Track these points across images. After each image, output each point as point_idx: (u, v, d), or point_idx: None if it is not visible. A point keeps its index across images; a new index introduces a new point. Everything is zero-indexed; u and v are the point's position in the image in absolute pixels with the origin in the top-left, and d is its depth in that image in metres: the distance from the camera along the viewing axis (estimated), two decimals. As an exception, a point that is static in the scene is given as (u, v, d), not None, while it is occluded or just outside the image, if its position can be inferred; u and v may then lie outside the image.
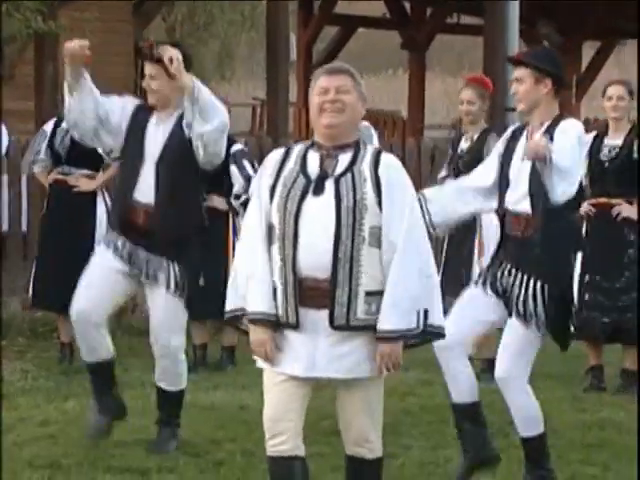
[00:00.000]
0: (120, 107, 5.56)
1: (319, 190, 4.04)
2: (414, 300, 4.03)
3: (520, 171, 5.04)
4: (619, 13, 14.26)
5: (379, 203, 4.02)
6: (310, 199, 4.04)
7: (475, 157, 7.39)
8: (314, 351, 4.05)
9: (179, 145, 5.46)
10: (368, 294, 4.04)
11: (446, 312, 7.66)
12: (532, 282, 4.98)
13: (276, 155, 4.18)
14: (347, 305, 4.01)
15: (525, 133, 5.11)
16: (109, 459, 5.52)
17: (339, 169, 4.06)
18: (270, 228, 4.09)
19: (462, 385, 5.12)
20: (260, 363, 4.15)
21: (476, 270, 7.34)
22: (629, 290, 7.09)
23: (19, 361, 7.61)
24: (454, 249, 7.40)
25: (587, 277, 7.26)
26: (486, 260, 7.45)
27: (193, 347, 7.91)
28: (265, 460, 4.23)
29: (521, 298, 4.99)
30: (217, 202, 7.42)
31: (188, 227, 5.63)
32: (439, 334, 4.16)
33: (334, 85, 4.07)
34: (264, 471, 4.30)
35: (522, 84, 5.06)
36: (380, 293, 4.05)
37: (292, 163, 4.11)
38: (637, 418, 4.96)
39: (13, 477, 5.17)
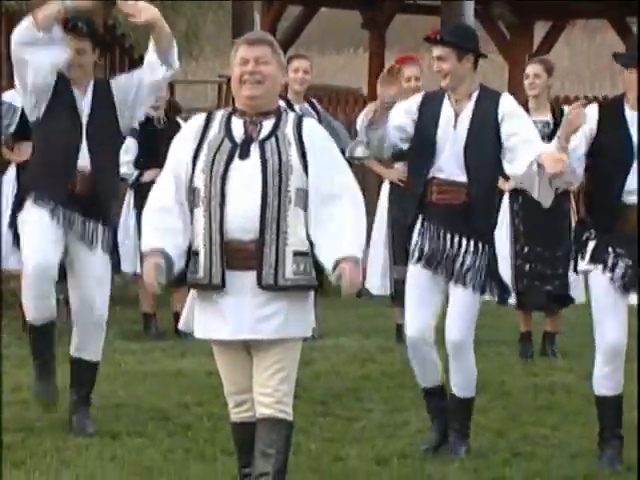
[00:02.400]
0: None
1: (245, 154, 3.99)
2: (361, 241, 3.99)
3: (454, 141, 5.00)
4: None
5: (304, 166, 3.98)
6: (236, 162, 3.99)
7: None
8: (240, 313, 3.97)
9: (105, 110, 5.46)
10: (296, 254, 3.98)
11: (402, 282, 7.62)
12: (473, 244, 4.99)
13: (198, 120, 4.11)
14: (275, 265, 3.95)
15: (446, 102, 5.06)
16: (80, 423, 5.51)
17: (263, 133, 4.02)
18: (193, 191, 4.02)
19: (432, 373, 5.13)
20: (197, 334, 4.10)
21: None
22: (567, 258, 7.16)
23: (-9, 329, 7.56)
24: (398, 219, 7.41)
25: (526, 249, 7.29)
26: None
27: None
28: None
29: (467, 262, 4.99)
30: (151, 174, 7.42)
31: (117, 191, 5.73)
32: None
33: (253, 56, 4.01)
34: (230, 433, 4.30)
35: (445, 62, 5.04)
36: (306, 254, 3.99)
37: (216, 129, 4.05)
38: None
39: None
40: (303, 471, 4.76)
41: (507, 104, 5.05)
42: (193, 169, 4.03)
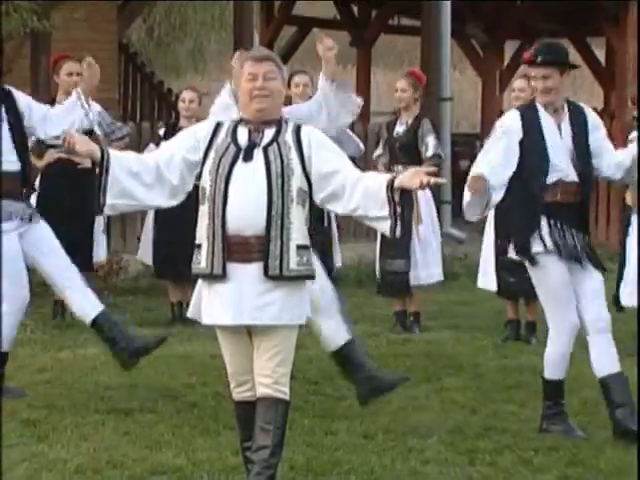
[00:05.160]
0: None
1: (248, 157, 4.00)
2: None
3: (565, 148, 5.00)
4: (537, 15, 14.28)
5: (303, 168, 4.00)
6: (240, 165, 4.00)
7: (411, 139, 7.52)
8: (241, 301, 3.98)
9: None
10: (299, 247, 4.00)
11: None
12: (584, 237, 5.05)
13: (210, 124, 4.12)
14: (280, 258, 3.96)
15: (543, 114, 4.99)
16: (98, 401, 5.51)
17: (265, 140, 4.04)
18: (201, 190, 4.03)
19: None
20: (205, 320, 4.10)
21: (415, 235, 7.38)
22: None
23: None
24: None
25: (499, 241, 7.29)
26: (426, 227, 7.54)
27: (171, 304, 7.91)
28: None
29: (586, 252, 5.02)
30: None
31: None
32: None
33: (261, 72, 4.03)
34: (232, 411, 4.30)
35: (550, 79, 4.97)
36: (307, 247, 4.02)
37: (223, 136, 4.07)
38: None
39: (15, 416, 5.14)
40: (298, 444, 4.77)
41: (592, 115, 5.13)
42: (201, 170, 4.04)
